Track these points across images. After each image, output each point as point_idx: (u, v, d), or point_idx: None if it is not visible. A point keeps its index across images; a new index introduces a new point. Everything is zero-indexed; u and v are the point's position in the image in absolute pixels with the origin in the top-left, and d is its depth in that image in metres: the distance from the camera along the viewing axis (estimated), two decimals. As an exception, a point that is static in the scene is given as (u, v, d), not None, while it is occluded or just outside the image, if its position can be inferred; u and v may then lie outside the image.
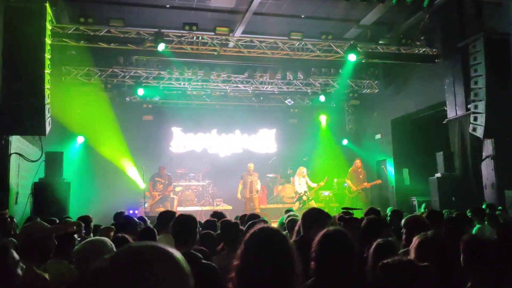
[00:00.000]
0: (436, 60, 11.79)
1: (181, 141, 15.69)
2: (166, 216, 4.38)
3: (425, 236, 2.38)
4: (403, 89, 13.72)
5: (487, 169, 10.18)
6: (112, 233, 4.45)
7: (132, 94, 14.09)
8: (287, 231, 3.60)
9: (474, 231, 5.48)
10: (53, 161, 9.38)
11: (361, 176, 13.51)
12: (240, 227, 4.05)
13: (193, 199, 14.19)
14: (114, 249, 2.85)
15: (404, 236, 3.39)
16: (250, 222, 4.09)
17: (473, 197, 10.31)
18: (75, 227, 3.47)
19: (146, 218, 5.34)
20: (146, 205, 12.73)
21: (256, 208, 12.53)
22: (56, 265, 3.23)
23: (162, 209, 12.25)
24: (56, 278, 3.02)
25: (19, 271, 2.54)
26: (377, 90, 15.10)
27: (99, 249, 2.84)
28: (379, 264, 1.99)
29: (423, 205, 10.29)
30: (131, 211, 13.32)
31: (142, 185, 13.43)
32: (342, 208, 6.80)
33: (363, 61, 12.42)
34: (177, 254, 1.05)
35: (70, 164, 11.47)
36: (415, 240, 2.43)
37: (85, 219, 5.20)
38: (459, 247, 2.49)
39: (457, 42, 10.65)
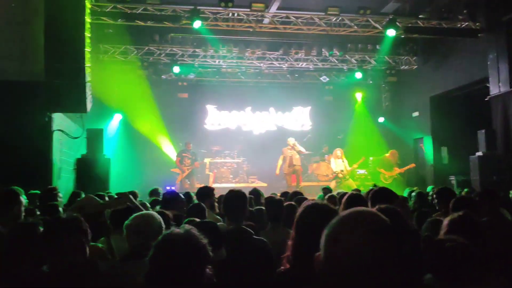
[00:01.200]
0: (479, 35, 11.33)
1: (215, 118, 15.79)
2: (205, 192, 4.44)
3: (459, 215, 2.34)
4: (443, 65, 13.28)
5: (531, 148, 9.85)
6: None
7: (167, 72, 14.22)
8: (338, 206, 3.57)
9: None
10: (94, 137, 9.61)
11: (393, 163, 13.26)
12: (291, 203, 4.08)
13: (228, 176, 14.35)
14: (162, 223, 2.93)
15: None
16: (296, 198, 4.10)
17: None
18: (128, 203, 3.57)
19: (192, 194, 5.42)
20: (176, 181, 12.98)
21: (296, 184, 12.54)
22: (113, 239, 3.35)
23: (187, 186, 12.53)
24: (111, 251, 3.14)
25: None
26: (416, 66, 14.69)
27: (149, 223, 2.92)
28: (435, 242, 1.97)
29: (466, 190, 10.03)
30: (167, 187, 13.61)
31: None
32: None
33: (402, 36, 12.08)
34: None
35: (109, 141, 11.75)
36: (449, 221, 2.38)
37: (133, 194, 5.34)
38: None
39: (501, 15, 10.21)
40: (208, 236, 2.06)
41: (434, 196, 4.58)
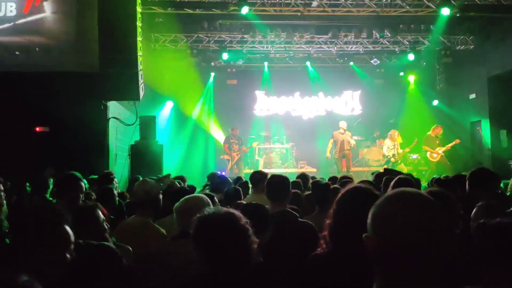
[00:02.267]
0: (542, 11, 10.66)
1: (264, 104, 15.83)
2: (257, 177, 4.53)
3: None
4: (501, 45, 12.59)
5: None
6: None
7: (217, 59, 14.39)
8: (381, 190, 3.56)
9: None
10: (146, 124, 9.93)
11: (437, 141, 12.68)
12: (336, 186, 4.08)
13: (278, 161, 14.40)
14: (210, 205, 3.03)
15: None
16: (342, 181, 4.10)
17: None
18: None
19: (242, 178, 5.57)
20: (233, 167, 13.15)
21: (346, 169, 12.42)
22: (166, 220, 3.52)
23: (237, 171, 12.67)
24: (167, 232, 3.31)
25: (106, 226, 2.81)
26: (472, 46, 14.02)
27: (198, 205, 3.02)
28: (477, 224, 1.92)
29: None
30: (218, 172, 13.88)
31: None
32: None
33: (458, 15, 11.53)
34: None
35: (162, 128, 12.10)
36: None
37: (181, 179, 5.53)
38: None
39: None
40: (253, 218, 2.11)
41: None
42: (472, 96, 14.13)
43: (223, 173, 13.55)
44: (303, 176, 5.81)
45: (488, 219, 1.88)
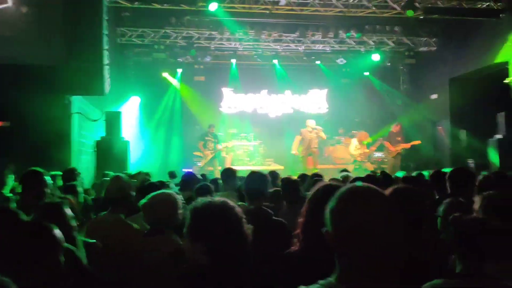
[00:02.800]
0: (501, 15, 11.07)
1: (232, 101, 15.80)
2: (228, 174, 4.53)
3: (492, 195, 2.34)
4: (463, 47, 13.02)
5: (552, 131, 9.69)
6: None
7: (184, 55, 14.26)
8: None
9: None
10: (112, 120, 9.75)
11: (399, 138, 13.02)
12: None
13: (245, 159, 14.42)
14: (179, 201, 3.01)
15: None
16: (313, 179, 4.15)
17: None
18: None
19: (209, 176, 5.55)
20: (199, 164, 13.07)
21: (312, 167, 12.55)
22: (138, 217, 3.47)
23: (211, 169, 12.59)
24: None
25: (74, 223, 2.75)
26: (435, 48, 14.44)
27: (165, 202, 3.00)
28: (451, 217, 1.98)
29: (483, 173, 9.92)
30: (184, 170, 13.78)
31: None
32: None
33: (421, 17, 11.85)
34: None
35: (127, 124, 11.90)
36: (482, 199, 2.38)
37: (146, 176, 5.47)
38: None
39: (525, -6, 9.96)
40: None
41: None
42: (434, 96, 14.55)
43: (190, 171, 13.51)
44: (272, 174, 5.85)
45: (462, 214, 1.96)
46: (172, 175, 8.12)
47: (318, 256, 1.86)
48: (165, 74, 14.61)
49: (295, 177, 4.45)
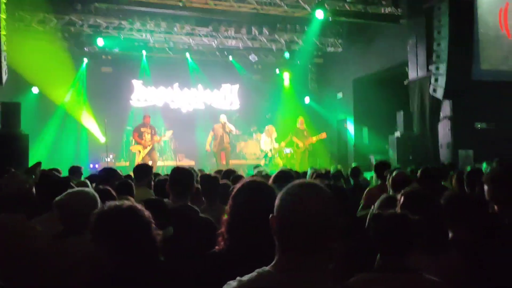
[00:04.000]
0: (400, 21, 11.89)
1: (142, 94, 15.31)
2: (142, 170, 4.34)
3: (411, 191, 2.49)
4: (366, 49, 13.84)
5: (443, 130, 10.61)
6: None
7: (90, 44, 13.54)
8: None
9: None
10: (10, 112, 8.98)
11: (305, 133, 13.53)
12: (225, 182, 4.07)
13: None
14: (98, 200, 2.82)
15: None
16: (233, 176, 4.12)
17: (429, 155, 10.79)
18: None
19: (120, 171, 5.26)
20: (108, 159, 12.50)
21: (225, 162, 12.56)
22: (44, 218, 3.19)
23: (150, 162, 12.02)
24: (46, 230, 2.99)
25: None
26: (341, 49, 15.16)
27: (85, 199, 2.80)
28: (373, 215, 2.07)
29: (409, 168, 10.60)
30: (91, 165, 13.12)
31: (102, 139, 13.16)
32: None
33: (330, 19, 12.35)
34: None
35: (27, 116, 11.03)
36: (401, 196, 2.52)
37: (57, 172, 5.09)
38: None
39: (422, 3, 10.77)
40: (154, 214, 2.02)
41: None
42: (340, 95, 15.29)
43: (97, 166, 12.89)
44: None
45: (384, 210, 2.05)
46: (75, 171, 6.97)
47: (245, 255, 1.85)
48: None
49: (214, 174, 4.38)
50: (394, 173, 4.28)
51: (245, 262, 1.56)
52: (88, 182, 4.30)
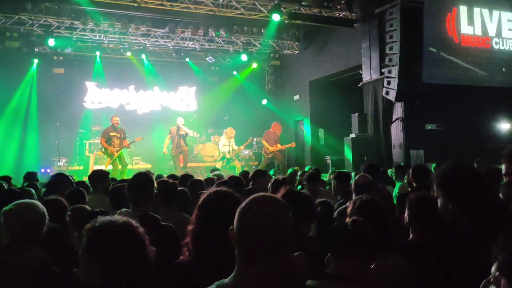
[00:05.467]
0: (354, 25, 12.19)
1: (96, 96, 14.91)
2: (98, 176, 4.22)
3: (360, 199, 2.56)
4: (322, 52, 14.09)
5: (396, 131, 10.97)
6: None
7: (41, 45, 13.07)
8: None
9: (396, 188, 5.95)
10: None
11: (276, 138, 13.62)
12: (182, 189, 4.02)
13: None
14: (45, 213, 2.71)
15: None
16: (190, 181, 4.06)
17: (383, 156, 11.12)
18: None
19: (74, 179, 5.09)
20: (60, 164, 12.09)
21: (183, 165, 12.41)
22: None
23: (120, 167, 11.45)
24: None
25: None
26: (297, 52, 15.35)
27: (32, 211, 2.69)
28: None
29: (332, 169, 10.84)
30: (42, 170, 12.65)
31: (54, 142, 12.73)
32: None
33: (286, 21, 12.49)
34: None
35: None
36: (351, 204, 2.59)
37: (6, 179, 4.86)
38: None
39: (375, 8, 11.06)
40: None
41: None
42: (296, 97, 15.48)
43: (48, 171, 12.45)
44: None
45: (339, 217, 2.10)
46: (30, 177, 6.95)
47: (211, 265, 1.83)
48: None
49: (172, 180, 4.30)
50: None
51: (211, 273, 1.55)
52: (33, 190, 4.12)
